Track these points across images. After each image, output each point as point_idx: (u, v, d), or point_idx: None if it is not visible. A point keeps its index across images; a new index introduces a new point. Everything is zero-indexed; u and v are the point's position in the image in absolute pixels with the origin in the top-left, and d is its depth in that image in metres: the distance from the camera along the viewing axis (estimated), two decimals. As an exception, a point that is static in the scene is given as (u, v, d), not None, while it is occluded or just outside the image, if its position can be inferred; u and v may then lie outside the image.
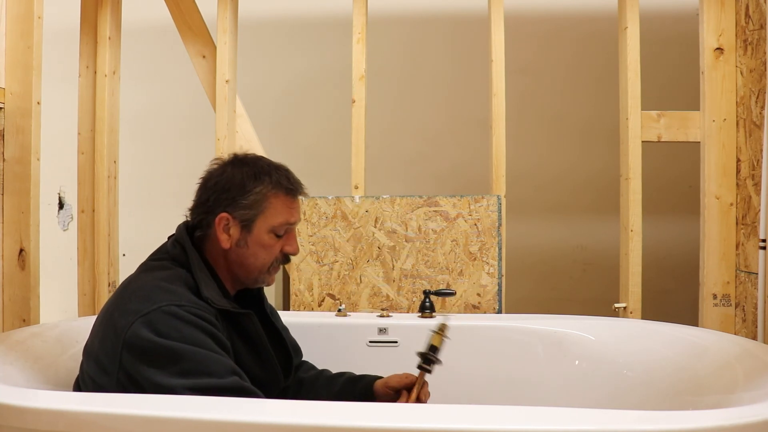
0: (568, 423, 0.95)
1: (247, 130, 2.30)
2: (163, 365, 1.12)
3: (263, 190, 1.29)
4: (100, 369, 1.17)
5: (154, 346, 1.13)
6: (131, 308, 1.17)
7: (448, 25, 2.99)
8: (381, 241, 2.04)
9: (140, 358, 1.13)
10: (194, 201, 1.33)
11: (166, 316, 1.15)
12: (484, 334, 1.80)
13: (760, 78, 1.88)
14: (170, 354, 1.13)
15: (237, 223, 1.29)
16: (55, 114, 2.62)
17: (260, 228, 1.30)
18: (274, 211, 1.30)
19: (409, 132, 3.04)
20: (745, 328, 1.94)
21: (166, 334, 1.14)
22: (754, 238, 1.89)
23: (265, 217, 1.30)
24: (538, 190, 2.97)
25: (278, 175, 1.32)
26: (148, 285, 1.22)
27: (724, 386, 1.31)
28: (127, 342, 1.14)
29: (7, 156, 1.78)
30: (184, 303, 1.18)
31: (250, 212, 1.28)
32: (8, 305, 1.76)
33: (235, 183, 1.29)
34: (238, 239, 1.29)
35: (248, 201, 1.28)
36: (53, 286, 2.99)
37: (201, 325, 1.17)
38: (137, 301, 1.18)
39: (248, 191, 1.28)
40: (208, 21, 2.29)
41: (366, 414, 1.01)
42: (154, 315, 1.15)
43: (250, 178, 1.29)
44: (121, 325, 1.16)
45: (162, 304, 1.16)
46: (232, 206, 1.28)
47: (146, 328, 1.14)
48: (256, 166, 1.32)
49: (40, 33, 1.81)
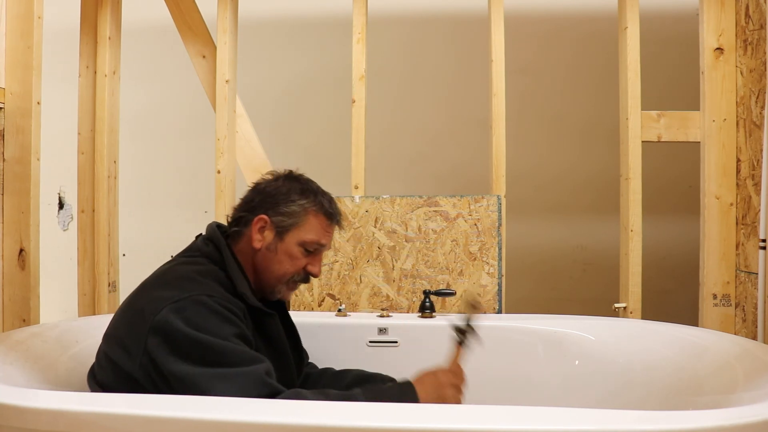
0: (568, 423, 0.95)
1: (247, 130, 2.30)
2: (187, 355, 1.14)
3: (305, 205, 1.36)
4: (125, 353, 1.19)
5: (181, 336, 1.15)
6: (162, 295, 1.20)
7: (448, 25, 2.99)
8: (381, 241, 2.04)
9: (165, 345, 1.15)
10: (241, 200, 1.40)
11: (196, 306, 1.18)
12: (484, 334, 1.79)
13: (760, 78, 1.88)
14: (195, 345, 1.14)
15: (272, 227, 1.35)
16: (55, 114, 2.62)
17: (292, 238, 1.35)
18: (310, 227, 1.36)
19: (409, 132, 3.04)
20: (745, 328, 1.94)
21: (194, 323, 1.16)
22: (754, 238, 1.89)
23: (299, 230, 1.35)
24: (538, 190, 2.97)
25: (323, 198, 1.40)
26: (180, 275, 1.26)
27: (724, 386, 1.31)
28: (155, 327, 1.16)
29: (7, 156, 1.78)
30: (215, 295, 1.21)
31: (287, 221, 1.35)
32: (8, 305, 1.76)
33: (282, 191, 1.36)
34: (269, 243, 1.35)
35: (288, 210, 1.35)
36: (53, 286, 2.99)
37: (228, 317, 1.20)
38: (168, 289, 1.21)
39: (291, 201, 1.35)
40: (208, 21, 2.29)
41: (366, 414, 1.01)
42: (184, 303, 1.18)
43: (296, 191, 1.37)
44: (150, 310, 1.18)
45: (193, 293, 1.19)
46: (272, 210, 1.35)
47: (175, 315, 1.16)
48: (306, 185, 1.40)
49: (40, 33, 1.81)
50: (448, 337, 1.81)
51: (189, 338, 1.14)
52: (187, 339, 1.14)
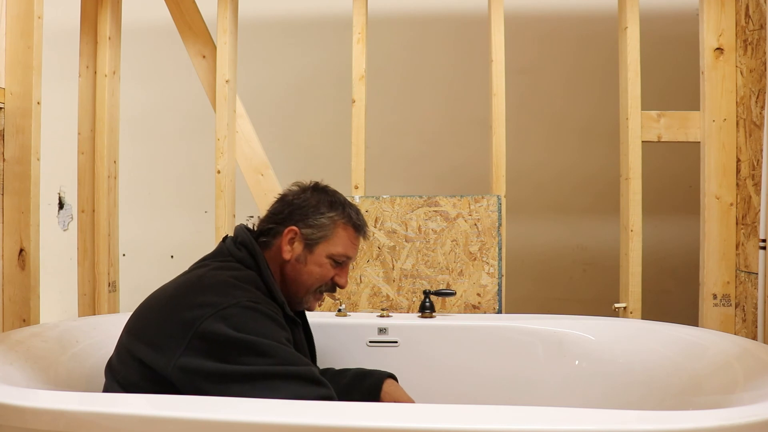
0: (568, 423, 0.95)
1: (247, 130, 2.30)
2: (237, 359, 1.14)
3: (335, 218, 1.38)
4: (158, 355, 1.17)
5: (231, 341, 1.14)
6: (206, 301, 1.19)
7: (448, 25, 2.99)
8: (381, 241, 2.04)
9: (214, 351, 1.14)
10: (268, 212, 1.40)
11: (244, 311, 1.18)
12: (484, 334, 1.80)
13: (760, 78, 1.88)
14: (249, 347, 1.14)
15: (302, 239, 1.36)
16: (55, 114, 2.62)
17: (321, 251, 1.37)
18: (339, 240, 1.38)
19: (409, 132, 3.04)
20: (745, 328, 1.94)
21: (243, 328, 1.16)
22: (754, 238, 1.89)
23: (328, 243, 1.37)
24: (538, 190, 2.97)
25: (351, 210, 1.41)
26: (221, 280, 1.25)
27: (724, 386, 1.31)
28: (200, 333, 1.15)
29: (7, 156, 1.78)
30: (260, 301, 1.23)
31: (317, 233, 1.36)
32: (8, 305, 1.76)
33: (311, 204, 1.38)
34: (299, 255, 1.37)
35: (318, 223, 1.37)
36: (53, 286, 3.00)
37: (277, 320, 1.22)
38: (213, 295, 1.20)
39: (321, 214, 1.37)
40: (208, 21, 2.29)
41: (366, 414, 1.01)
42: (231, 310, 1.17)
43: (326, 203, 1.39)
44: (193, 316, 1.17)
45: (240, 300, 1.19)
46: (302, 222, 1.36)
47: (223, 323, 1.15)
48: (334, 197, 1.42)
49: (40, 33, 1.81)
50: (448, 337, 1.81)
51: (241, 342, 1.14)
52: (239, 343, 1.14)
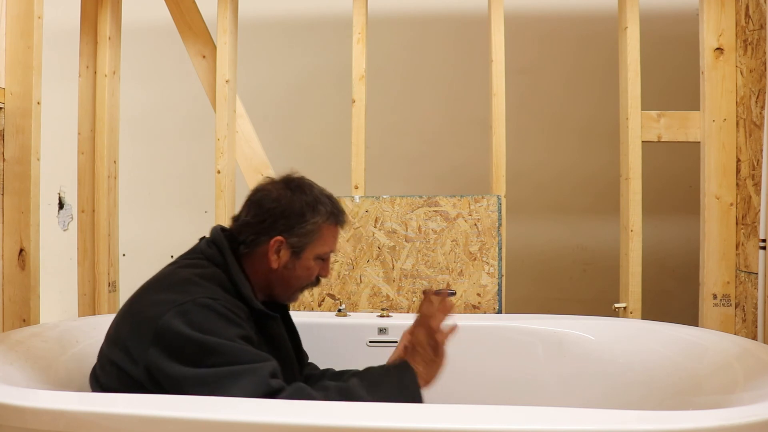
0: (568, 423, 0.95)
1: (247, 130, 2.30)
2: (193, 358, 1.14)
3: (318, 221, 1.35)
4: (128, 356, 1.19)
5: (185, 339, 1.15)
6: (165, 298, 1.20)
7: (448, 25, 2.99)
8: (381, 241, 2.04)
9: (170, 348, 1.15)
10: (248, 218, 1.36)
11: (200, 308, 1.18)
12: (484, 334, 1.80)
13: (760, 78, 1.88)
14: (200, 347, 1.15)
15: (288, 247, 1.34)
16: (55, 114, 2.62)
17: (308, 255, 1.36)
18: (324, 241, 1.38)
19: (409, 132, 3.04)
20: (745, 328, 1.94)
21: (198, 326, 1.16)
22: (754, 238, 1.89)
23: (314, 246, 1.36)
24: (538, 190, 2.97)
25: (332, 205, 1.39)
26: (183, 278, 1.26)
27: (724, 386, 1.31)
28: (159, 331, 1.16)
29: (7, 156, 1.78)
30: (218, 297, 1.22)
31: (303, 240, 1.35)
32: (8, 305, 1.76)
33: (295, 211, 1.34)
34: (286, 262, 1.35)
35: (304, 230, 1.34)
36: (53, 286, 2.99)
37: (232, 319, 1.21)
38: (171, 292, 1.22)
39: (306, 221, 1.34)
40: (208, 21, 2.29)
41: (366, 414, 1.01)
42: (187, 306, 1.18)
43: (308, 208, 1.35)
44: (154, 314, 1.18)
45: (197, 296, 1.20)
46: (288, 232, 1.33)
47: (180, 318, 1.16)
48: (314, 195, 1.38)
49: (40, 33, 1.81)
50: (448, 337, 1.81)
51: (194, 341, 1.15)
52: (192, 341, 1.15)
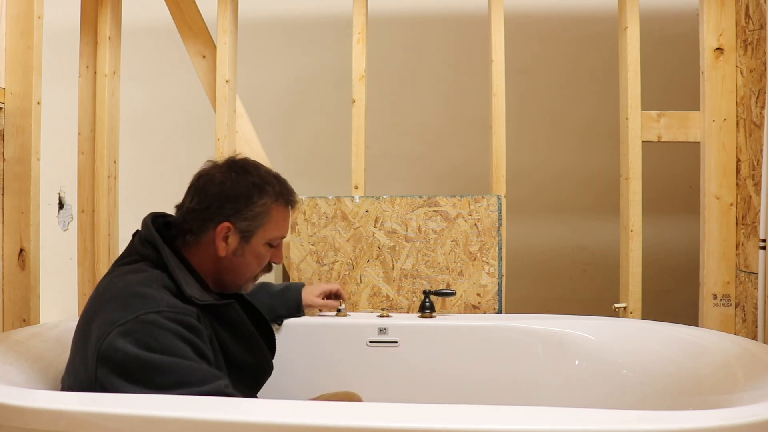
0: (568, 423, 0.95)
1: (247, 130, 2.30)
2: (140, 379, 1.09)
3: (267, 202, 1.30)
4: (77, 381, 1.15)
5: (130, 359, 1.09)
6: (108, 318, 1.13)
7: (448, 25, 2.99)
8: (381, 241, 2.04)
9: (116, 372, 1.09)
10: (192, 205, 1.30)
11: (145, 326, 1.11)
12: (484, 334, 1.80)
13: (760, 78, 1.88)
14: (148, 367, 1.09)
15: (237, 233, 1.29)
16: (55, 114, 2.62)
17: (258, 240, 1.31)
18: (275, 224, 1.32)
19: (409, 132, 3.04)
20: (745, 328, 1.94)
21: (144, 344, 1.10)
22: (754, 238, 1.89)
23: (264, 230, 1.31)
24: (538, 190, 2.97)
25: (280, 186, 1.33)
26: (123, 292, 1.17)
27: (724, 386, 1.31)
28: (103, 354, 1.10)
29: (7, 156, 1.78)
30: (163, 308, 1.14)
31: (252, 224, 1.29)
32: (8, 305, 1.76)
33: (242, 193, 1.28)
34: (235, 249, 1.30)
35: (252, 213, 1.28)
36: (53, 286, 2.99)
37: (180, 333, 1.14)
38: (113, 310, 1.14)
39: (254, 203, 1.28)
40: (208, 21, 2.29)
41: (365, 414, 1.01)
42: (132, 325, 1.11)
43: (255, 189, 1.29)
44: (97, 336, 1.12)
45: (140, 313, 1.12)
46: (235, 216, 1.27)
47: (123, 339, 1.10)
48: (260, 176, 1.32)
49: (40, 33, 1.81)
50: (448, 337, 1.81)
51: (140, 360, 1.08)
52: (139, 361, 1.08)
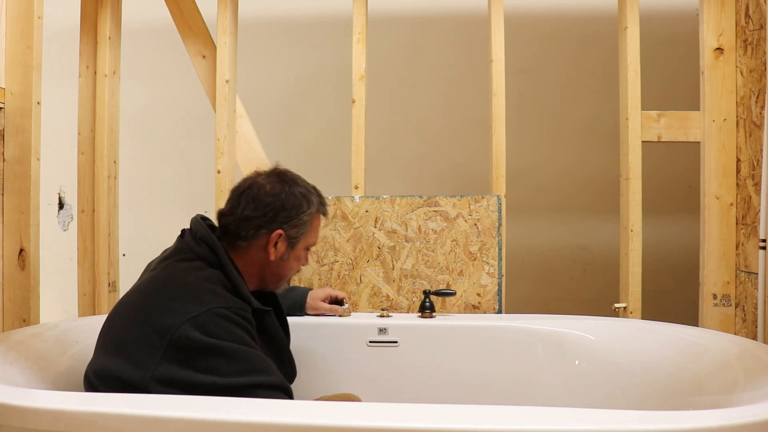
0: (568, 423, 0.95)
1: (247, 130, 2.30)
2: (208, 366, 1.16)
3: (312, 212, 1.42)
4: (134, 367, 1.18)
5: (202, 347, 1.17)
6: (178, 309, 1.20)
7: (448, 25, 2.99)
8: (381, 241, 2.04)
9: (189, 360, 1.16)
10: (247, 212, 1.37)
11: (217, 318, 1.20)
12: (484, 334, 1.80)
13: (760, 78, 1.88)
14: (218, 354, 1.17)
15: (285, 239, 1.39)
16: (55, 114, 2.62)
17: (301, 245, 1.43)
18: (314, 232, 1.46)
19: (409, 132, 3.04)
20: (745, 328, 1.94)
21: (217, 335, 1.18)
22: (754, 238, 1.89)
23: (307, 237, 1.43)
24: (538, 190, 2.97)
25: (319, 197, 1.46)
26: (192, 285, 1.25)
27: (724, 386, 1.31)
28: (175, 342, 1.17)
29: (7, 156, 1.78)
30: (231, 304, 1.24)
31: (299, 231, 1.40)
32: (8, 305, 1.76)
33: (294, 204, 1.39)
34: (282, 253, 1.40)
35: (301, 221, 1.40)
36: (53, 286, 2.99)
37: (246, 327, 1.24)
38: (184, 302, 1.21)
39: (303, 212, 1.40)
40: (208, 21, 2.29)
41: (365, 414, 1.01)
42: (204, 317, 1.19)
43: (305, 200, 1.41)
44: (168, 325, 1.18)
45: (212, 306, 1.21)
46: (288, 225, 1.38)
47: (197, 330, 1.17)
48: (305, 187, 1.43)
49: (40, 33, 1.80)
50: (448, 337, 1.81)
51: (212, 348, 1.17)
52: (210, 349, 1.17)
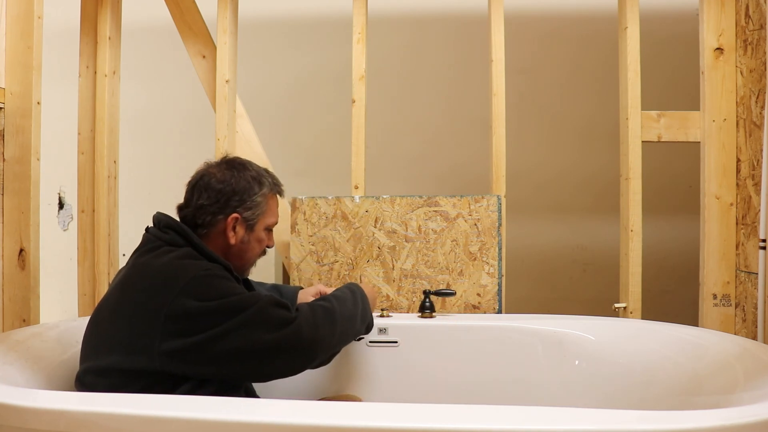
0: (568, 423, 0.95)
1: (247, 130, 2.30)
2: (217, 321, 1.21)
3: (265, 192, 1.45)
4: (134, 352, 1.21)
5: (203, 311, 1.21)
6: (162, 287, 1.24)
7: (448, 25, 2.99)
8: (381, 241, 2.04)
9: (190, 328, 1.20)
10: (201, 201, 1.41)
11: (204, 280, 1.25)
12: (484, 334, 1.80)
13: (760, 78, 1.88)
14: (221, 310, 1.22)
15: (243, 222, 1.43)
16: (55, 114, 2.62)
17: (260, 227, 1.46)
18: (271, 212, 1.48)
19: (409, 132, 3.04)
20: (745, 328, 1.94)
21: (209, 296, 1.23)
22: (754, 238, 1.89)
23: (264, 218, 1.46)
24: (538, 190, 2.97)
25: (271, 178, 1.50)
26: (167, 264, 1.29)
27: (724, 386, 1.31)
28: (172, 315, 1.20)
29: (7, 156, 1.78)
30: (211, 266, 1.29)
31: (255, 213, 1.44)
32: (8, 305, 1.76)
33: (244, 187, 1.43)
34: (242, 236, 1.44)
35: (255, 203, 1.43)
36: (53, 286, 2.99)
37: (229, 278, 1.31)
38: (167, 280, 1.25)
39: (255, 194, 1.43)
40: (208, 21, 2.29)
41: (365, 414, 1.01)
42: (193, 284, 1.23)
43: (255, 182, 1.44)
44: (159, 303, 1.22)
45: (195, 273, 1.25)
46: (241, 207, 1.42)
47: (190, 298, 1.22)
48: (255, 170, 1.47)
49: (40, 33, 1.81)
50: (448, 337, 1.81)
51: (211, 308, 1.21)
52: (210, 309, 1.21)
